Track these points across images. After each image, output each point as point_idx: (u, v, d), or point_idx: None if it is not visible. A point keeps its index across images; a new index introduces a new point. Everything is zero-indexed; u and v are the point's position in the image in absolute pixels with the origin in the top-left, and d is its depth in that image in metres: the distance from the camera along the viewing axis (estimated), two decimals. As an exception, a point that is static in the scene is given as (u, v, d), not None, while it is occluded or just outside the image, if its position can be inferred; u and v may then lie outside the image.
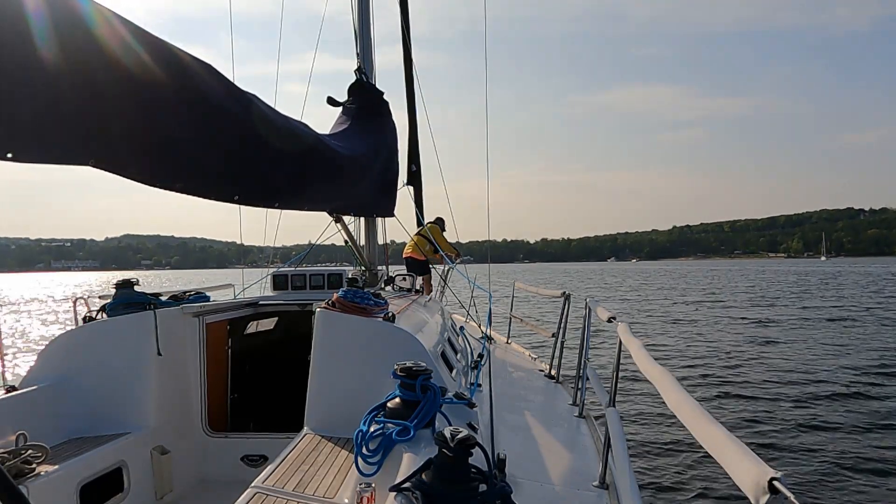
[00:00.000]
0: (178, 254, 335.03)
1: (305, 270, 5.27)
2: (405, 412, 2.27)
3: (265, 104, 3.36)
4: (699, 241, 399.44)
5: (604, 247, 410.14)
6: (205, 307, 4.31)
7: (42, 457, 2.75)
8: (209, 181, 3.11)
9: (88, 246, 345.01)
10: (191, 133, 2.78)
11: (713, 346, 15.83)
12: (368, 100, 5.79)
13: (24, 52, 1.90)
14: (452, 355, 4.30)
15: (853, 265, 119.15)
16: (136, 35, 2.40)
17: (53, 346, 3.62)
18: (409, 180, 8.01)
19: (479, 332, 7.01)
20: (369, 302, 3.52)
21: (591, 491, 2.93)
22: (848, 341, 16.26)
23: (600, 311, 3.94)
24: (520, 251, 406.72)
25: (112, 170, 2.46)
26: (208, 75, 2.83)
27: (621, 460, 2.53)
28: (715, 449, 1.53)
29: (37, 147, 2.07)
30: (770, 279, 58.47)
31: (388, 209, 6.27)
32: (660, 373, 2.19)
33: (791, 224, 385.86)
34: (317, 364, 3.29)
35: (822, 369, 12.40)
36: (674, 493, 6.38)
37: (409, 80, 8.18)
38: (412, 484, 1.70)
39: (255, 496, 2.31)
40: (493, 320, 6.61)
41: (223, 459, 4.11)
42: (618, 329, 3.06)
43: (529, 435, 3.75)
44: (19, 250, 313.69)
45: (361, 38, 6.17)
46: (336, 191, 4.61)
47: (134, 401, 3.60)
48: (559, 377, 5.63)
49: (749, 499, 1.27)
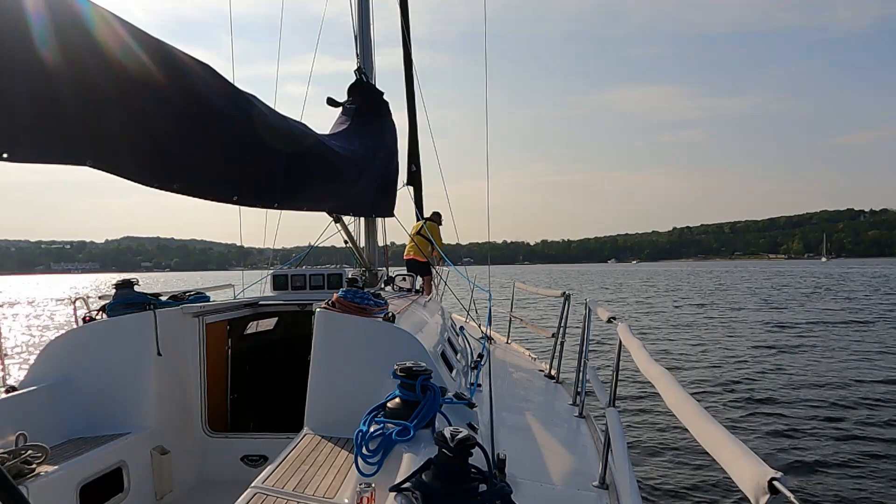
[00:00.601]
0: (178, 255, 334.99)
1: (305, 271, 5.26)
2: (405, 412, 2.27)
3: (264, 105, 3.36)
4: (699, 242, 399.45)
5: (604, 248, 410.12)
6: (205, 307, 4.31)
7: (42, 457, 2.75)
8: (207, 182, 3.11)
9: (88, 248, 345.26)
10: (189, 133, 2.78)
11: (713, 347, 15.82)
12: (368, 100, 5.79)
13: (21, 52, 1.90)
14: (452, 355, 4.30)
15: (855, 266, 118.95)
16: (134, 36, 2.40)
17: (53, 347, 3.62)
18: (408, 180, 8.02)
19: (479, 332, 7.01)
20: (369, 302, 3.52)
21: (591, 491, 2.92)
22: (849, 342, 16.26)
23: (600, 311, 3.94)
24: (519, 252, 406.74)
25: (110, 170, 2.46)
26: (207, 76, 2.84)
27: (621, 460, 2.53)
28: (715, 449, 1.53)
29: (33, 147, 2.07)
30: (772, 280, 58.45)
31: (387, 209, 6.27)
32: (660, 373, 2.19)
33: (791, 225, 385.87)
34: (317, 364, 3.29)
35: (823, 370, 12.40)
36: (674, 493, 6.38)
37: (408, 81, 8.18)
38: (412, 484, 1.70)
39: (255, 496, 2.31)
40: (493, 320, 6.61)
41: (223, 459, 4.11)
42: (618, 329, 3.06)
43: (529, 435, 3.74)
44: (19, 252, 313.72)
45: (361, 38, 6.17)
46: (336, 191, 4.61)
47: (134, 401, 3.59)
48: (559, 377, 5.62)
49: (749, 499, 1.27)
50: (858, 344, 15.87)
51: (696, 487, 6.47)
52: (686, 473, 6.84)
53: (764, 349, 15.37)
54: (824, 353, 14.60)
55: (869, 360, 13.48)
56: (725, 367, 12.89)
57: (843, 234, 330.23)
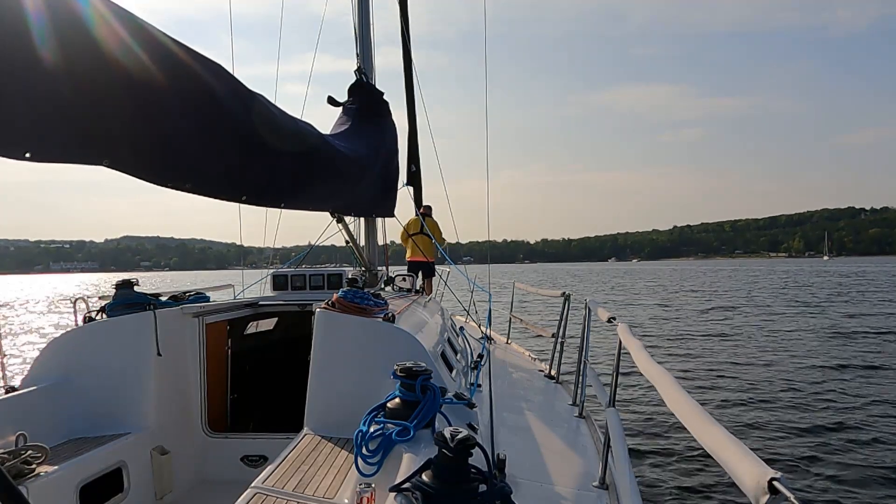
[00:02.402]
0: (177, 255, 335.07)
1: (305, 271, 5.26)
2: (405, 412, 2.27)
3: (273, 104, 3.36)
4: (700, 240, 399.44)
5: (604, 247, 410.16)
6: (205, 307, 4.31)
7: (42, 457, 2.75)
8: (219, 181, 3.11)
9: (87, 247, 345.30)
10: (202, 133, 2.78)
11: (713, 347, 15.82)
12: (369, 100, 5.79)
13: (40, 54, 1.90)
14: (452, 356, 4.30)
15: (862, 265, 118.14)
16: (152, 37, 2.41)
17: (53, 347, 3.62)
18: (408, 180, 8.02)
19: (479, 332, 7.01)
20: (369, 302, 3.52)
21: (591, 491, 2.92)
22: (850, 343, 16.25)
23: (600, 311, 3.94)
24: (520, 251, 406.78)
25: (125, 170, 2.47)
26: (220, 76, 2.84)
27: (621, 460, 2.53)
28: (715, 449, 1.53)
29: (53, 147, 2.08)
30: (774, 281, 58.42)
31: (388, 209, 6.27)
32: (660, 373, 2.19)
33: (792, 223, 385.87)
34: (317, 364, 3.29)
35: (824, 370, 12.39)
36: (674, 493, 6.38)
37: (408, 81, 8.18)
38: (412, 484, 1.70)
39: (254, 496, 2.31)
40: (493, 320, 6.61)
41: (223, 460, 4.11)
42: (618, 329, 3.06)
43: (529, 435, 3.75)
44: (18, 252, 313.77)
45: (361, 38, 6.17)
46: (339, 191, 4.61)
47: (134, 401, 3.60)
48: (559, 377, 5.62)
49: (749, 499, 1.27)
50: (860, 345, 15.86)
51: (696, 488, 6.47)
52: (686, 474, 6.84)
53: (764, 350, 15.36)
54: (825, 354, 14.59)
55: (870, 360, 13.48)
56: (725, 368, 12.88)
57: (843, 233, 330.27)
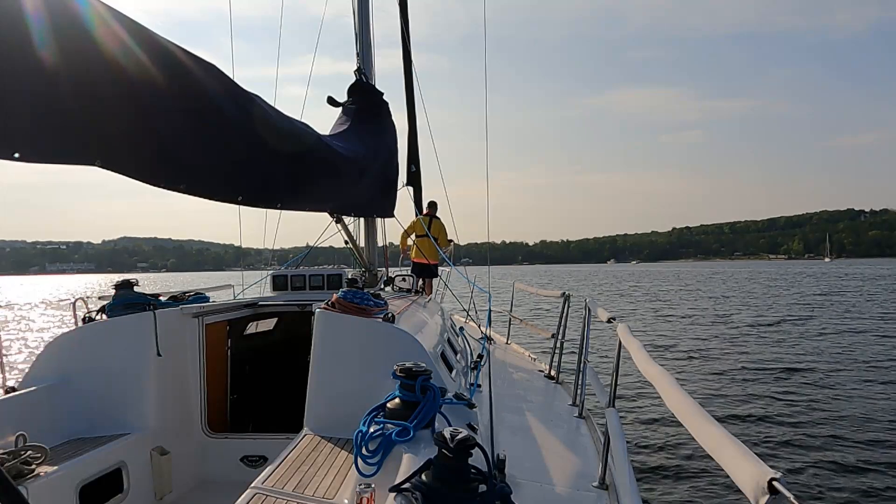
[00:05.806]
0: (174, 256, 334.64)
1: (305, 271, 5.26)
2: (405, 413, 2.27)
3: (269, 105, 3.36)
4: (699, 242, 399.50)
5: (603, 248, 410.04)
6: (204, 308, 4.31)
7: (41, 457, 2.75)
8: (214, 182, 3.11)
9: (85, 248, 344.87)
10: (196, 134, 2.78)
11: (713, 347, 15.83)
12: (368, 100, 5.79)
13: (31, 53, 1.90)
14: (452, 356, 4.30)
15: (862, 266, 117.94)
16: (145, 37, 2.41)
17: (53, 347, 3.62)
18: (408, 181, 8.01)
19: (478, 332, 7.00)
20: (369, 302, 3.52)
21: (591, 491, 2.93)
22: (850, 343, 16.25)
23: (600, 311, 3.94)
24: (519, 253, 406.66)
25: (118, 170, 2.46)
26: (214, 76, 2.84)
27: (621, 460, 2.53)
28: (714, 449, 1.53)
29: (43, 147, 2.08)
30: (776, 283, 58.43)
31: (387, 210, 6.27)
32: (659, 373, 2.19)
33: (791, 225, 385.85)
34: (316, 365, 3.29)
35: (824, 371, 12.40)
36: (673, 493, 6.38)
37: (408, 81, 8.18)
38: (412, 484, 1.70)
39: (254, 497, 2.31)
40: (493, 321, 6.61)
41: (223, 460, 4.11)
42: (617, 329, 3.06)
43: (529, 435, 3.74)
44: (14, 253, 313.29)
45: (361, 38, 6.18)
46: (337, 191, 4.61)
47: (133, 401, 3.59)
48: (559, 377, 5.62)
49: (749, 499, 1.27)
50: (861, 346, 15.86)
51: (696, 488, 6.47)
52: (686, 474, 6.84)
53: (765, 350, 15.36)
54: (826, 355, 14.59)
55: (870, 361, 13.48)
56: (725, 368, 12.89)
57: (843, 235, 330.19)
